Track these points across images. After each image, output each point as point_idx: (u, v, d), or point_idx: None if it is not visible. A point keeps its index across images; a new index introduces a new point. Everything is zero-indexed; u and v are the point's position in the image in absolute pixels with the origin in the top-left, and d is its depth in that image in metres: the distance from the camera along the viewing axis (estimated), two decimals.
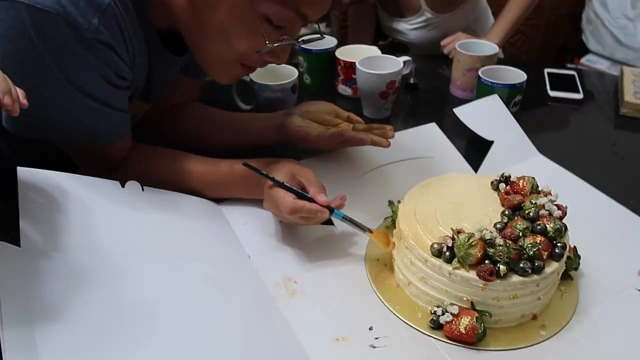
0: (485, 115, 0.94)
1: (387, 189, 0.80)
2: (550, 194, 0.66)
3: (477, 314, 0.58)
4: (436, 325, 0.60)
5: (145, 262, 0.61)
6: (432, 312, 0.61)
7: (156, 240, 0.66)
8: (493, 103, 0.96)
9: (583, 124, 1.06)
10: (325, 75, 1.14)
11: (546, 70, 1.19)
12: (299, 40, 0.71)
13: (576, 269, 0.67)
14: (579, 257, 0.67)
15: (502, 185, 0.68)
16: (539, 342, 0.60)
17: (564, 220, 0.63)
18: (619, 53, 1.71)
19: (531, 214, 0.61)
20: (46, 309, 0.49)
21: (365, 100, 1.05)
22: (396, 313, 0.63)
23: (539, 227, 0.59)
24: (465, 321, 0.58)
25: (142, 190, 0.69)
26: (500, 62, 1.14)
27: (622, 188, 0.83)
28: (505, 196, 0.66)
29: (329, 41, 1.15)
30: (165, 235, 0.68)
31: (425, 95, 1.17)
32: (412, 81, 1.17)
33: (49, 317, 0.48)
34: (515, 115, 0.99)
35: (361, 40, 1.43)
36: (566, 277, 0.66)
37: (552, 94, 1.11)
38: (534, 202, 0.63)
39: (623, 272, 0.68)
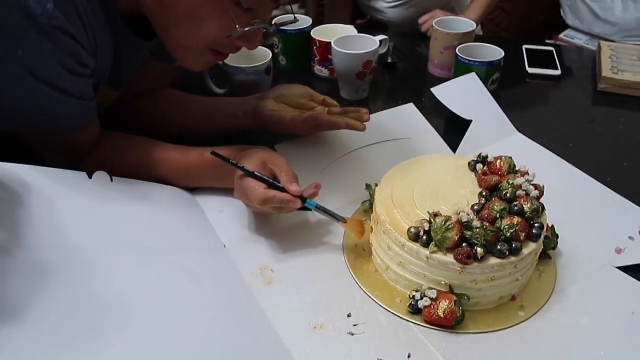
0: (463, 94, 0.93)
1: (364, 171, 0.78)
2: (527, 173, 0.65)
3: (455, 297, 0.58)
4: (415, 310, 0.59)
5: (115, 256, 0.59)
6: (411, 296, 0.60)
7: (126, 232, 0.63)
8: (471, 81, 0.94)
9: (561, 101, 1.06)
10: (300, 56, 1.11)
11: (524, 47, 1.18)
12: (272, 23, 0.68)
13: (554, 248, 0.67)
14: (556, 236, 0.66)
15: (479, 166, 0.67)
16: (518, 323, 0.59)
17: (541, 200, 0.62)
18: (597, 27, 1.71)
19: (508, 195, 0.60)
20: (7, 308, 0.47)
21: (342, 81, 1.02)
22: (374, 298, 0.62)
23: (516, 207, 0.59)
24: (443, 305, 0.57)
25: (111, 180, 0.67)
26: (478, 39, 1.12)
27: (600, 165, 0.83)
28: (483, 177, 0.65)
29: (304, 21, 1.12)
30: (136, 227, 0.65)
31: (403, 74, 1.15)
32: (389, 60, 1.15)
33: (10, 317, 0.46)
34: (494, 93, 0.98)
35: (338, 19, 1.40)
36: (544, 256, 0.66)
37: (531, 70, 1.10)
38: (511, 182, 0.62)
39: (601, 250, 0.68)
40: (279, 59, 1.12)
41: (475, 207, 0.61)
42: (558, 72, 1.09)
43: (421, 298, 0.59)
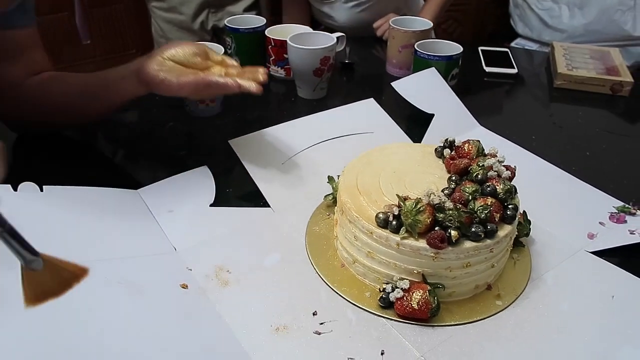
0: (424, 89, 0.90)
1: (326, 166, 0.74)
2: (497, 155, 0.62)
3: (429, 287, 0.53)
4: (386, 304, 0.54)
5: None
6: (381, 290, 0.55)
7: (65, 244, 0.56)
8: (431, 76, 0.92)
9: (520, 97, 1.05)
10: (255, 56, 1.07)
11: (480, 48, 1.18)
12: None
13: (527, 234, 0.63)
14: (529, 222, 0.63)
15: (447, 151, 0.64)
16: (496, 313, 0.55)
17: (513, 182, 0.59)
18: (546, 35, 1.76)
19: (479, 177, 0.57)
20: None
21: (299, 80, 0.98)
22: (342, 294, 0.57)
23: (488, 188, 0.55)
24: (417, 296, 0.53)
25: (41, 190, 0.59)
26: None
27: (564, 156, 0.82)
28: (451, 161, 0.62)
29: (258, 20, 1.08)
30: (76, 238, 0.58)
31: (361, 75, 1.12)
32: (347, 61, 1.12)
33: None
34: (453, 89, 0.97)
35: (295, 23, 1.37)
36: (518, 244, 0.63)
37: (488, 69, 1.10)
38: (481, 164, 0.59)
39: (573, 236, 0.65)
40: (233, 59, 1.07)
41: (446, 191, 0.57)
42: (515, 70, 1.09)
43: (392, 290, 0.54)
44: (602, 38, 1.66)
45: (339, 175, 0.65)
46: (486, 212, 0.53)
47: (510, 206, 0.55)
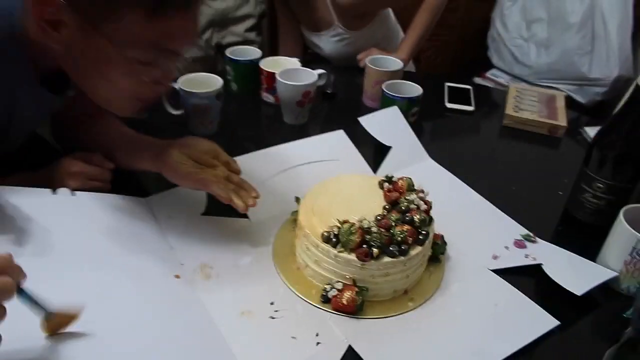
0: (386, 124, 1.08)
1: (296, 187, 0.91)
2: (422, 191, 0.80)
3: (357, 289, 0.72)
4: (325, 300, 0.73)
5: (71, 257, 0.70)
6: (323, 289, 0.74)
7: (79, 242, 0.73)
8: (393, 113, 1.10)
9: (471, 133, 1.23)
10: (250, 83, 1.25)
11: (446, 84, 1.36)
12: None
13: (443, 253, 0.82)
14: (445, 243, 0.82)
15: (386, 185, 0.82)
16: (407, 311, 0.74)
17: (435, 214, 0.78)
18: (516, 69, 1.93)
19: (403, 208, 0.75)
20: None
21: (284, 108, 1.17)
22: (294, 290, 0.75)
23: (407, 218, 0.74)
24: (347, 295, 0.71)
25: (73, 195, 0.78)
26: (411, 75, 1.29)
27: (493, 187, 0.99)
28: (387, 193, 0.80)
29: (254, 52, 1.26)
30: (96, 235, 0.76)
31: (340, 103, 1.30)
32: (329, 91, 1.30)
33: None
34: (415, 123, 1.15)
35: (289, 50, 1.55)
36: (435, 260, 0.81)
37: (449, 105, 1.28)
38: (407, 198, 0.77)
39: (481, 256, 0.83)
40: (232, 85, 1.26)
41: (379, 217, 0.75)
42: (472, 108, 1.27)
43: (330, 290, 0.73)
44: (563, 76, 1.84)
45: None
46: (402, 236, 0.71)
47: (423, 232, 0.74)
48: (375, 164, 1.03)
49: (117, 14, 0.63)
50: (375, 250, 0.70)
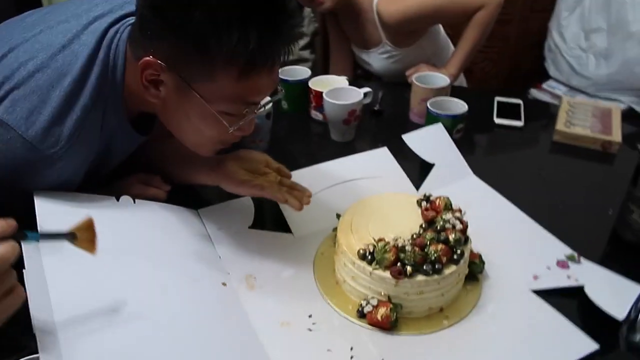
0: (429, 141, 1.10)
1: (339, 203, 0.95)
2: (459, 211, 0.81)
3: (391, 306, 0.74)
4: (361, 315, 0.76)
5: (135, 258, 0.77)
6: (359, 304, 0.77)
7: (141, 244, 0.81)
8: (437, 130, 1.12)
9: (519, 149, 1.22)
10: (300, 101, 1.30)
11: (496, 99, 1.35)
12: (259, 109, 0.80)
13: (481, 272, 0.82)
14: (483, 262, 0.82)
15: (424, 203, 0.84)
16: (441, 329, 0.75)
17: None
18: (574, 80, 1.87)
19: (439, 227, 0.77)
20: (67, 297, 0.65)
21: (331, 126, 1.21)
22: (332, 304, 0.79)
23: (442, 237, 0.75)
24: (382, 311, 0.74)
25: (134, 202, 0.86)
26: (460, 90, 1.29)
27: (538, 205, 0.98)
28: (425, 212, 0.82)
29: (304, 72, 1.31)
30: (151, 239, 0.83)
31: (387, 120, 1.33)
32: (376, 108, 1.33)
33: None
34: (461, 140, 1.15)
35: (341, 72, 1.59)
36: (473, 278, 0.82)
37: (497, 121, 1.27)
38: (443, 217, 0.79)
39: (521, 276, 0.83)
40: (282, 103, 1.32)
41: (414, 235, 0.77)
42: (521, 123, 1.26)
43: (366, 305, 0.75)
44: (624, 87, 1.76)
45: None
46: (435, 255, 0.73)
47: (458, 251, 0.75)
48: (419, 182, 1.05)
49: (212, 75, 0.70)
50: (409, 268, 0.72)
